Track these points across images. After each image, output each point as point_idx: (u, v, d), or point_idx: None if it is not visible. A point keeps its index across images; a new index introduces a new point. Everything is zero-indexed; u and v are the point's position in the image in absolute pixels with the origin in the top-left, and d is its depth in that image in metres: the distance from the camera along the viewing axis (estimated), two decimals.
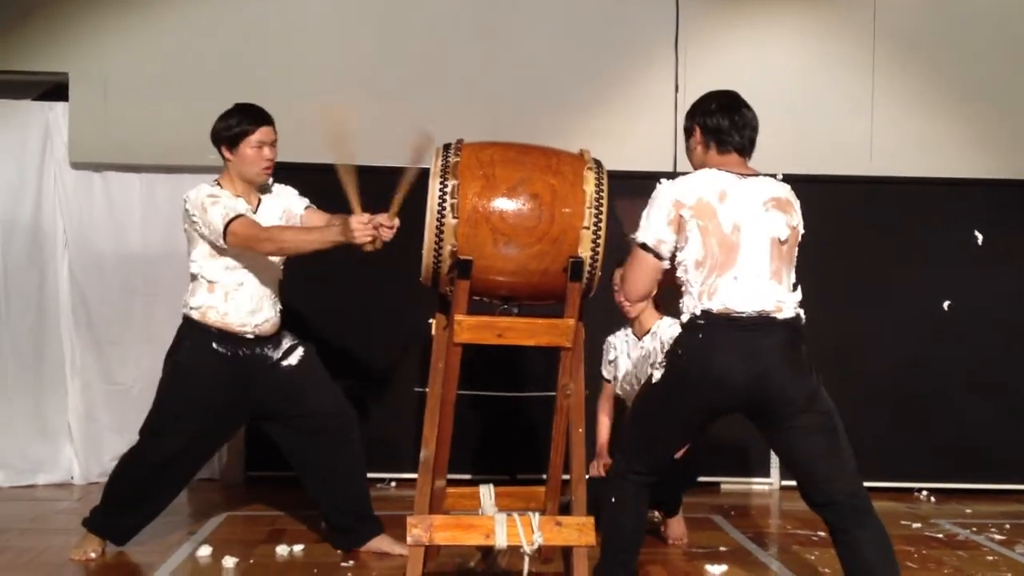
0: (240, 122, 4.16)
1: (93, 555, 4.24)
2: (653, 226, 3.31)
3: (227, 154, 4.19)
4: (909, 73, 6.25)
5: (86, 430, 5.93)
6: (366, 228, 3.75)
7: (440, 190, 3.40)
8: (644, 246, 3.32)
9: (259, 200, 4.26)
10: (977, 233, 6.21)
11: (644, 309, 4.65)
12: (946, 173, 6.19)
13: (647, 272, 3.34)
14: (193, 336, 4.17)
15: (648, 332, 4.73)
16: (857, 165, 6.17)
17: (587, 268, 3.45)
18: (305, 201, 4.38)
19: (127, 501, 4.25)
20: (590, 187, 3.45)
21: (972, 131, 6.24)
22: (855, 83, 6.21)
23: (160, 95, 5.88)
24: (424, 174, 3.67)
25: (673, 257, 3.33)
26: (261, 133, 4.17)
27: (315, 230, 4.11)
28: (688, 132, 3.49)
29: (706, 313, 3.24)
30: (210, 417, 4.22)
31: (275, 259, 4.26)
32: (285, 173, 4.41)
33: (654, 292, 3.51)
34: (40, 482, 5.84)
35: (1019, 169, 6.24)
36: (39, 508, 5.26)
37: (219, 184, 4.21)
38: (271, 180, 4.32)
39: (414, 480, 3.73)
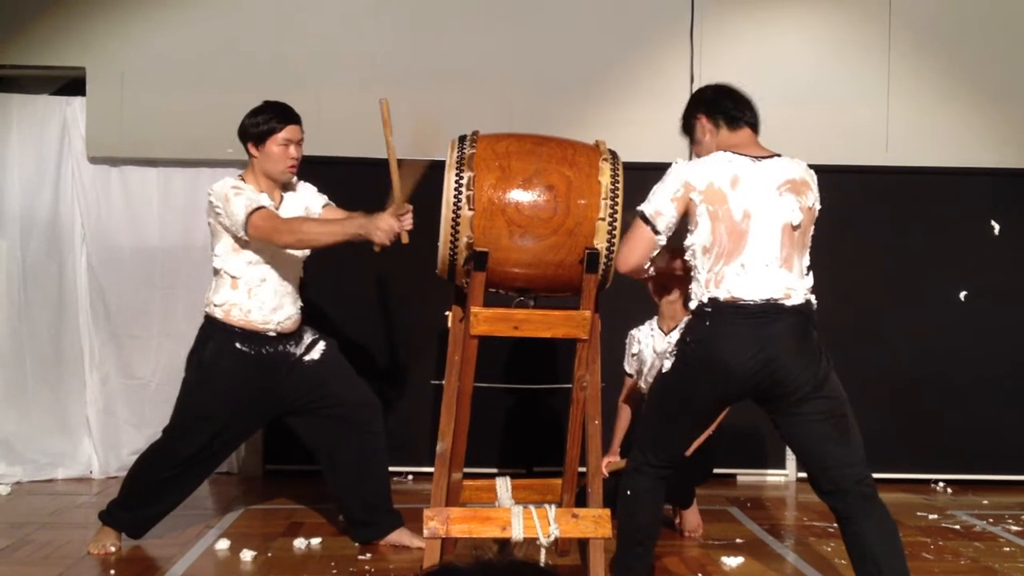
0: (268, 120, 4.18)
1: (112, 549, 4.26)
2: (656, 199, 3.31)
3: (253, 151, 4.21)
4: (925, 63, 6.22)
5: (105, 424, 5.96)
6: (390, 231, 3.76)
7: (456, 182, 3.40)
8: (643, 216, 3.32)
9: (282, 197, 4.27)
10: (994, 223, 6.18)
11: (675, 300, 4.55)
12: (962, 163, 6.16)
13: (640, 243, 3.34)
14: (216, 336, 4.18)
15: (675, 327, 4.68)
16: (873, 155, 6.14)
17: (603, 259, 3.44)
18: (324, 199, 4.39)
19: (146, 496, 4.27)
20: (606, 178, 3.44)
21: (988, 120, 6.20)
22: (871, 73, 6.19)
23: (177, 90, 5.90)
24: (432, 162, 3.70)
25: (672, 237, 3.33)
26: (288, 131, 4.19)
27: (335, 222, 4.12)
28: (691, 128, 3.51)
29: (713, 301, 3.24)
30: (233, 416, 4.24)
31: (297, 254, 4.27)
32: (303, 167, 4.42)
33: (649, 271, 3.48)
34: (59, 476, 5.86)
35: None
36: (58, 502, 5.29)
37: (243, 179, 4.22)
38: (295, 178, 4.33)
39: (431, 473, 3.74)
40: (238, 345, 4.15)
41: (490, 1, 6.14)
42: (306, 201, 4.34)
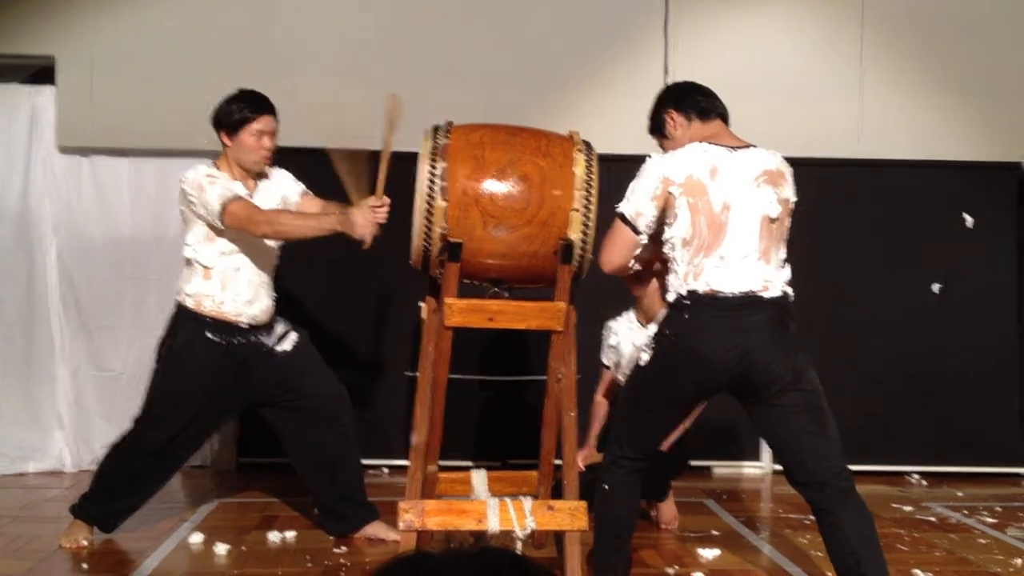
0: (241, 109, 4.13)
1: (84, 542, 4.22)
2: (635, 199, 3.30)
3: (226, 140, 4.16)
4: (898, 55, 6.23)
5: (76, 417, 5.90)
6: (367, 225, 3.73)
7: (430, 172, 3.37)
8: (623, 217, 3.31)
9: (256, 186, 4.23)
10: (966, 216, 6.20)
11: (652, 293, 4.50)
12: (935, 155, 6.18)
13: (622, 244, 3.34)
14: (187, 325, 4.14)
15: (653, 319, 4.64)
16: (845, 148, 6.15)
17: (577, 250, 3.42)
18: (301, 187, 4.35)
19: (117, 488, 4.23)
20: (580, 169, 3.42)
21: (961, 113, 6.22)
22: (844, 66, 6.19)
23: (148, 79, 5.83)
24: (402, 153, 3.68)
25: (660, 233, 3.31)
26: (262, 122, 4.14)
27: (313, 216, 4.10)
28: (660, 125, 3.50)
29: (692, 293, 3.23)
30: (204, 406, 4.20)
31: (271, 244, 4.24)
32: (278, 156, 4.38)
33: (633, 268, 3.47)
34: (31, 470, 5.81)
35: (1008, 151, 6.23)
36: (29, 496, 5.24)
37: (216, 167, 4.18)
38: (269, 167, 4.28)
39: (406, 466, 3.72)
40: (208, 335, 4.12)
41: None
42: (282, 190, 4.30)
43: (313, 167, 4.55)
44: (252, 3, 5.97)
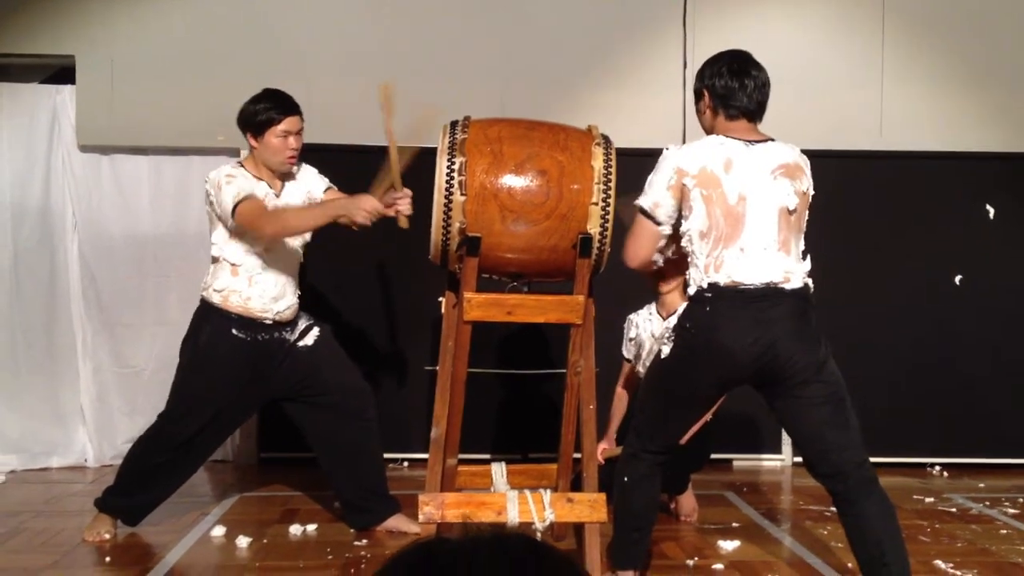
0: (267, 110, 4.13)
1: (107, 536, 4.26)
2: (652, 190, 3.30)
3: (252, 141, 4.18)
4: (919, 46, 6.20)
5: (99, 413, 5.94)
6: (373, 211, 3.75)
7: (448, 167, 3.38)
8: (642, 210, 3.31)
9: (283, 186, 4.25)
10: (988, 207, 6.17)
11: (675, 288, 4.50)
12: (957, 147, 6.14)
13: (645, 237, 3.34)
14: (213, 321, 4.17)
15: (674, 312, 4.62)
16: (867, 139, 6.13)
17: (596, 244, 3.43)
18: (325, 182, 4.36)
19: (141, 482, 4.26)
20: (598, 163, 3.43)
21: (982, 104, 6.19)
22: (865, 57, 6.16)
23: (167, 77, 5.87)
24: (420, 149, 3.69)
25: (677, 226, 3.31)
26: (288, 123, 4.15)
27: (316, 206, 4.12)
28: (697, 95, 3.45)
29: (713, 286, 3.22)
30: (228, 402, 4.23)
31: (294, 243, 4.26)
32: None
33: (658, 263, 3.47)
34: (54, 465, 5.85)
35: None
36: (53, 491, 5.28)
37: (242, 166, 4.20)
38: (297, 166, 4.30)
39: (426, 460, 3.73)
40: (235, 331, 4.15)
41: None
42: (308, 186, 4.32)
43: (329, 164, 4.59)
44: (269, 3, 5.98)
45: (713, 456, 5.12)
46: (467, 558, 0.91)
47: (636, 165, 3.61)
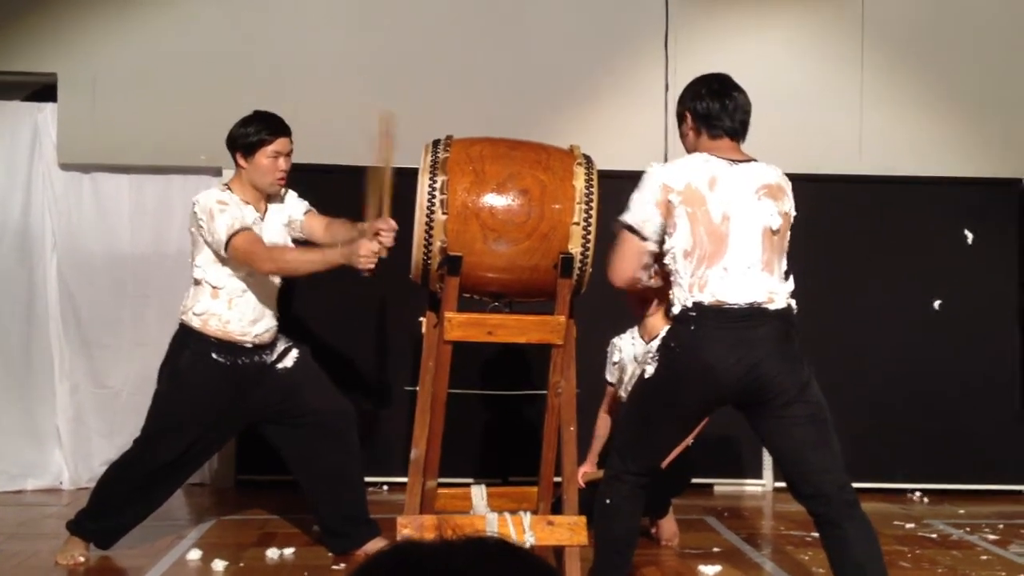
0: (258, 131, 4.13)
1: (81, 559, 4.20)
2: (638, 206, 3.29)
3: (241, 161, 4.17)
4: (899, 71, 6.24)
5: (75, 434, 5.87)
6: (371, 255, 3.72)
7: (430, 186, 3.38)
8: (628, 227, 3.30)
9: (266, 208, 4.23)
10: (967, 231, 6.19)
11: (656, 311, 4.49)
12: (936, 171, 6.18)
13: (631, 253, 3.32)
14: (192, 345, 4.14)
15: (656, 336, 4.60)
16: (847, 163, 6.15)
17: (577, 264, 3.42)
18: (305, 205, 4.35)
19: (116, 505, 4.21)
20: (580, 182, 3.43)
21: (962, 129, 6.23)
22: (845, 81, 6.20)
23: (149, 96, 5.85)
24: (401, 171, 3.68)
25: (662, 243, 3.30)
26: (278, 144, 4.15)
27: (316, 251, 4.12)
28: (680, 118, 3.46)
29: (697, 305, 3.21)
30: (207, 426, 4.20)
31: None
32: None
33: (643, 281, 3.45)
34: (29, 487, 5.77)
35: (1008, 167, 6.23)
36: (27, 513, 5.22)
37: (229, 188, 4.18)
38: (283, 190, 4.29)
39: (406, 483, 3.70)
40: (214, 355, 4.12)
41: (466, 9, 6.12)
42: (288, 210, 4.31)
43: (314, 184, 4.58)
44: (253, 22, 5.98)
45: (694, 481, 5.09)
46: (444, 560, 0.90)
47: (618, 186, 3.61)
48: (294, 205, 4.34)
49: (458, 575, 0.89)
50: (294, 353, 4.32)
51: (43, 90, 5.99)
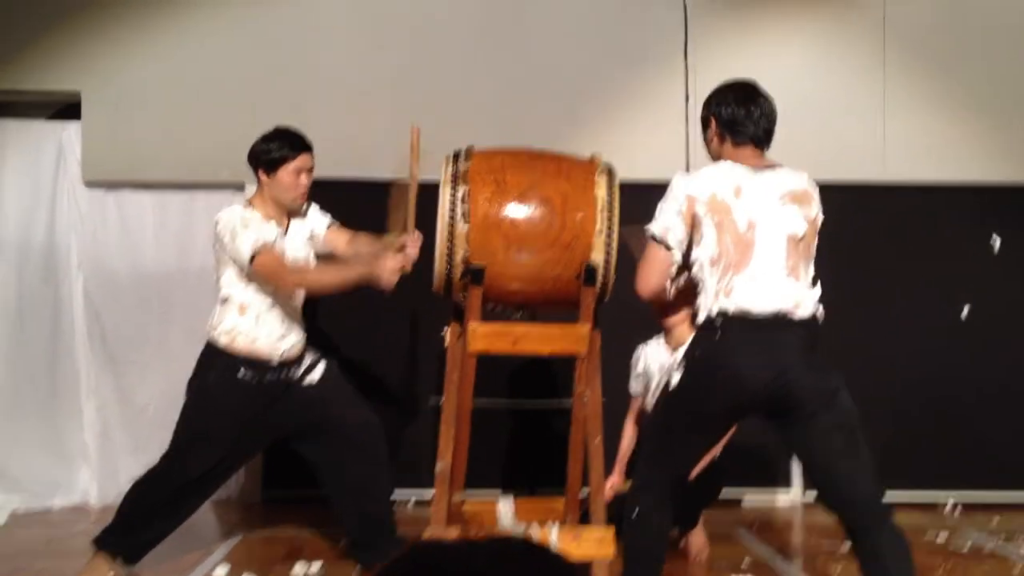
0: (280, 147, 4.14)
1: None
2: (663, 216, 3.27)
3: (263, 177, 4.17)
4: (920, 77, 6.19)
5: (102, 451, 5.88)
6: (395, 270, 3.72)
7: (451, 196, 3.37)
8: (653, 236, 3.28)
9: (288, 223, 4.24)
10: (995, 237, 6.12)
11: (682, 322, 4.47)
12: (961, 178, 6.11)
13: (657, 264, 3.29)
14: (219, 363, 4.14)
15: (682, 346, 4.55)
16: (871, 171, 6.10)
17: (600, 273, 3.40)
18: (327, 219, 4.35)
19: (142, 520, 4.20)
20: (601, 191, 3.41)
21: (986, 135, 6.16)
22: (867, 88, 6.15)
23: (172, 112, 5.88)
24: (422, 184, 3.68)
25: (688, 253, 3.27)
26: (300, 160, 4.15)
27: (340, 268, 4.12)
28: (704, 123, 3.44)
29: (723, 313, 3.19)
30: (234, 443, 4.20)
31: None
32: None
33: (671, 292, 3.43)
34: (56, 505, 5.76)
35: None
36: (54, 531, 5.21)
37: (251, 205, 4.19)
38: (305, 207, 4.29)
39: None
40: (242, 373, 4.11)
41: (483, 22, 6.12)
42: (311, 224, 4.31)
43: (335, 198, 4.58)
44: (272, 38, 6.00)
45: (722, 493, 5.04)
46: (466, 559, 0.88)
47: (640, 197, 3.59)
48: (317, 219, 4.34)
49: (481, 572, 0.87)
50: (320, 367, 4.32)
51: (67, 108, 6.03)
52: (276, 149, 4.14)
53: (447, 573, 0.88)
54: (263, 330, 4.12)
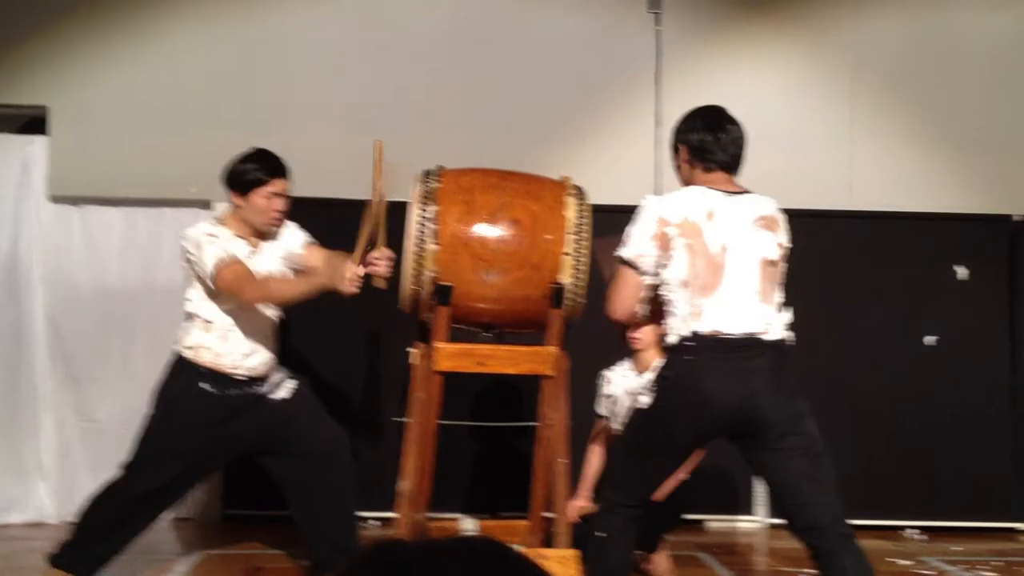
0: (256, 170, 4.10)
1: None
2: (634, 241, 3.28)
3: (237, 199, 4.13)
4: (888, 108, 6.27)
5: (61, 468, 5.80)
6: (354, 279, 3.71)
7: (420, 216, 3.37)
8: (624, 260, 3.29)
9: (259, 243, 4.20)
10: (957, 268, 6.19)
11: (649, 344, 4.47)
12: (927, 207, 6.19)
13: (629, 288, 3.30)
14: (182, 375, 4.10)
15: (649, 368, 4.55)
16: (837, 200, 6.16)
17: (569, 294, 3.40)
18: (304, 237, 4.31)
19: (99, 532, 4.14)
20: (571, 212, 3.42)
21: (951, 166, 6.25)
22: (834, 118, 6.22)
23: (140, 129, 5.84)
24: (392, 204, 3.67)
25: (657, 274, 3.28)
26: (275, 184, 4.11)
27: (300, 278, 4.09)
28: (674, 149, 3.46)
29: (694, 335, 3.20)
30: (194, 456, 4.15)
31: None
32: None
33: (641, 315, 3.43)
34: (14, 521, 5.68)
35: (999, 203, 6.25)
36: (11, 546, 5.14)
37: (222, 222, 4.15)
38: (277, 230, 4.26)
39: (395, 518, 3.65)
40: (203, 385, 4.07)
41: (455, 45, 6.14)
42: (286, 244, 4.26)
43: (305, 217, 4.56)
44: (244, 55, 5.98)
45: (686, 516, 5.05)
46: (430, 558, 0.87)
47: (609, 221, 3.60)
48: (294, 237, 4.29)
49: (444, 571, 0.86)
50: (289, 384, 4.28)
51: (33, 123, 5.97)
52: (252, 171, 4.10)
53: (411, 570, 0.87)
54: (228, 347, 4.09)
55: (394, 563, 0.89)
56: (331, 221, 4.36)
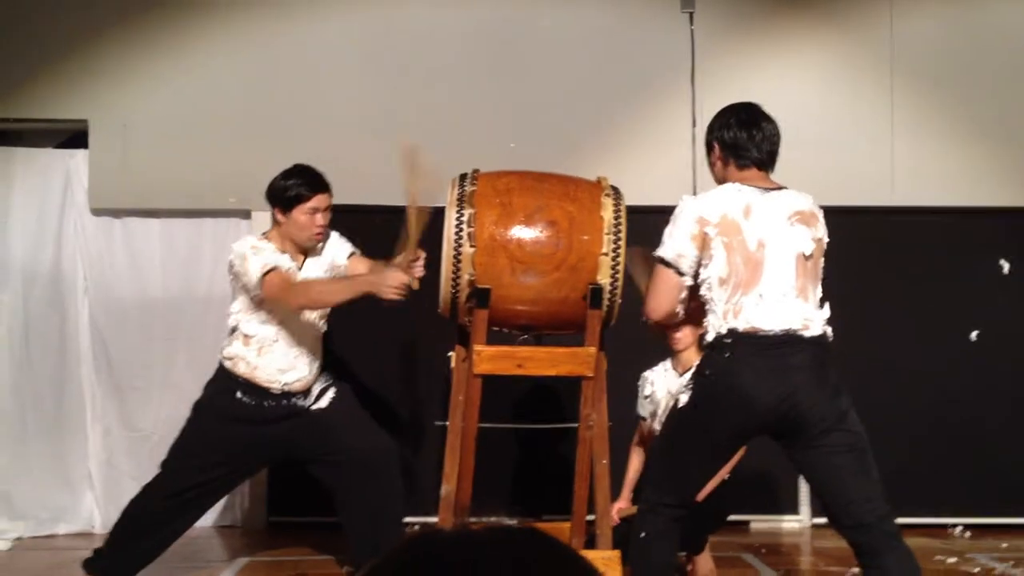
0: (298, 186, 4.14)
1: None
2: (673, 241, 3.26)
3: (279, 215, 4.19)
4: (928, 102, 6.20)
5: (107, 477, 5.87)
6: (399, 286, 3.72)
7: (457, 219, 3.38)
8: (663, 261, 3.27)
9: (304, 259, 4.24)
10: (1003, 262, 6.12)
11: (691, 344, 4.41)
12: (969, 202, 6.11)
13: (668, 288, 3.29)
14: (219, 382, 4.21)
15: (690, 369, 4.53)
16: (879, 196, 6.10)
17: (607, 295, 3.40)
18: (349, 248, 4.35)
19: (132, 536, 4.20)
20: (608, 213, 3.42)
21: (993, 159, 6.16)
22: (874, 114, 6.16)
23: (179, 140, 5.90)
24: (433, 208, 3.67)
25: (696, 274, 3.27)
26: (317, 200, 4.15)
27: (344, 281, 4.13)
28: (708, 147, 3.46)
29: (732, 332, 3.18)
30: (228, 458, 4.21)
31: (311, 315, 4.24)
32: None
33: (680, 315, 3.42)
34: (61, 531, 5.74)
35: None
36: (59, 557, 5.19)
37: (267, 237, 4.20)
38: (321, 245, 4.29)
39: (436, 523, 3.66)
40: (238, 394, 4.13)
41: (491, 50, 6.14)
42: (331, 256, 4.30)
43: (344, 225, 4.59)
44: (283, 66, 6.02)
45: (730, 517, 5.01)
46: (466, 546, 0.87)
47: (646, 222, 3.59)
48: (338, 250, 4.33)
49: (482, 562, 0.86)
50: (330, 393, 4.31)
51: (75, 137, 6.05)
52: (293, 187, 4.14)
53: (446, 561, 0.87)
54: (264, 361, 4.14)
55: (428, 552, 0.89)
56: (368, 228, 4.38)
